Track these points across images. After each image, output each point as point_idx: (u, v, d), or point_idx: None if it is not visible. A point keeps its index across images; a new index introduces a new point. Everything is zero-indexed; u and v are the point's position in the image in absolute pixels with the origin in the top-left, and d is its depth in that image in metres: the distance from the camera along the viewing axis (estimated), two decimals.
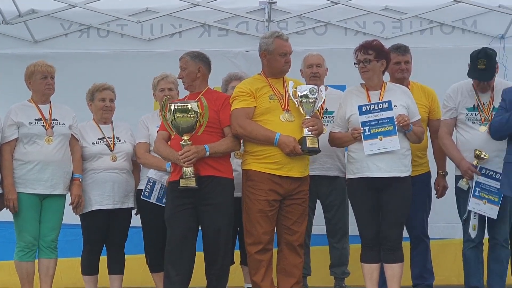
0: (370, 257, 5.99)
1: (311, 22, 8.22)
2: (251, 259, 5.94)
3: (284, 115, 5.93)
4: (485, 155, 6.05)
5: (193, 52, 6.19)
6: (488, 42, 7.81)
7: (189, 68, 6.09)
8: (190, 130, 5.83)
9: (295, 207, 5.96)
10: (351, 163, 5.99)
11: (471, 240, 6.21)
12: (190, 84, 6.12)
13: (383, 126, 5.84)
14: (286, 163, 5.86)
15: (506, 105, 5.75)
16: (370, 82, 6.05)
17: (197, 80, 6.11)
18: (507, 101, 5.76)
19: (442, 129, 6.38)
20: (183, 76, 6.13)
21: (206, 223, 5.89)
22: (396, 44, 6.74)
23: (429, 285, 6.70)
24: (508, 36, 7.99)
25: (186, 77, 6.11)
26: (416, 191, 6.16)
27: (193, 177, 5.77)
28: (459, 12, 8.05)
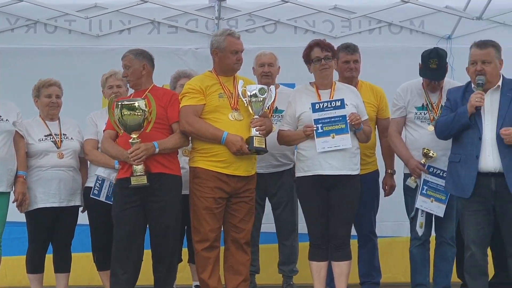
0: (318, 255, 6.01)
1: (261, 20, 8.22)
2: (198, 256, 5.94)
3: (233, 114, 5.93)
4: (433, 154, 6.12)
5: (136, 50, 6.14)
6: (435, 42, 7.89)
7: (134, 66, 6.05)
8: (138, 128, 5.80)
9: (241, 205, 5.97)
10: (301, 161, 5.99)
11: (418, 238, 6.27)
12: (135, 82, 6.08)
13: (335, 124, 5.87)
14: (233, 161, 5.86)
15: (451, 105, 5.81)
16: (325, 80, 6.07)
17: (142, 78, 6.07)
18: (451, 101, 5.82)
19: (391, 128, 6.44)
20: (128, 74, 6.08)
21: (154, 220, 5.86)
22: (345, 43, 6.78)
23: (376, 282, 6.75)
24: (455, 36, 8.09)
25: (131, 75, 6.07)
26: (364, 189, 6.20)
27: (143, 175, 5.75)
28: (407, 12, 8.12)
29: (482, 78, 5.62)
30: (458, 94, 5.82)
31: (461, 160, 5.67)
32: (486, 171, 5.58)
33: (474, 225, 5.69)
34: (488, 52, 5.68)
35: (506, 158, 5.53)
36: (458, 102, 5.76)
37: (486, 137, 5.60)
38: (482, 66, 5.64)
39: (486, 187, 5.60)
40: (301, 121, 6.00)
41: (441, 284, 6.33)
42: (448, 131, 5.76)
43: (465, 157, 5.65)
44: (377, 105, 6.68)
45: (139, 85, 6.07)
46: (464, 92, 5.78)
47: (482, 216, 5.67)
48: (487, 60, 5.66)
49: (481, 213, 5.67)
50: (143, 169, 5.76)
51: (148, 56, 6.12)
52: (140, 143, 5.77)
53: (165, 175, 5.86)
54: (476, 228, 5.69)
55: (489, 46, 5.70)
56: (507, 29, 8.12)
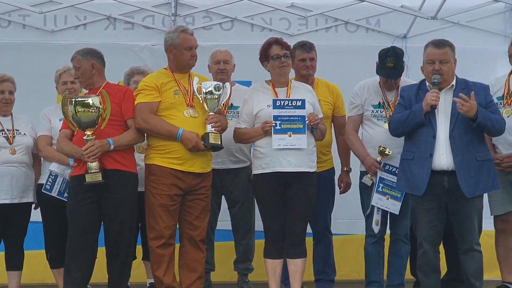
0: (274, 252, 6.02)
1: (218, 18, 8.20)
2: (153, 253, 5.91)
3: (188, 110, 5.91)
4: (389, 152, 6.16)
5: (83, 50, 6.08)
6: (391, 41, 7.96)
7: (83, 67, 5.99)
8: (92, 124, 5.76)
9: (197, 202, 5.96)
10: (259, 158, 5.99)
11: (373, 236, 6.31)
12: (87, 82, 6.03)
13: (294, 123, 5.87)
14: (189, 158, 5.84)
15: (405, 102, 5.86)
16: (283, 78, 6.08)
17: (94, 77, 6.02)
18: (405, 99, 5.87)
19: (348, 126, 6.48)
20: (78, 76, 6.03)
21: (109, 217, 5.82)
22: (302, 41, 6.79)
23: (331, 280, 6.78)
24: (410, 36, 8.16)
25: (81, 76, 6.02)
26: (320, 187, 6.21)
27: (98, 172, 5.71)
28: (363, 11, 8.17)
29: (438, 77, 5.68)
30: (412, 92, 5.87)
31: (415, 158, 5.72)
32: (440, 169, 5.64)
33: (427, 223, 5.75)
34: (445, 51, 5.74)
35: (458, 157, 5.60)
36: (412, 100, 5.81)
37: (440, 136, 5.66)
38: (440, 65, 5.70)
39: (439, 185, 5.66)
40: (259, 118, 6.00)
41: (395, 281, 6.38)
42: (402, 129, 5.80)
43: (419, 155, 5.69)
44: (333, 103, 6.71)
45: (91, 84, 6.02)
46: (418, 90, 5.84)
47: (434, 214, 5.73)
48: (445, 60, 5.72)
49: (433, 211, 5.73)
50: (98, 166, 5.71)
51: (96, 54, 6.06)
52: (94, 140, 5.73)
53: (120, 171, 5.83)
54: (429, 226, 5.75)
55: (446, 46, 5.77)
56: (460, 29, 8.22)
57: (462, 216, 5.69)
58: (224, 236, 7.27)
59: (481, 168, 5.66)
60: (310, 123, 5.88)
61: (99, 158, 5.72)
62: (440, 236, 5.83)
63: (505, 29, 8.30)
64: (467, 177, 5.59)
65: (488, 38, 8.28)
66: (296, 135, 5.87)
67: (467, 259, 5.74)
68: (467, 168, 5.60)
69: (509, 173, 6.33)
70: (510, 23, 8.33)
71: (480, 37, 8.27)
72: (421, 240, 5.79)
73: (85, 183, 5.70)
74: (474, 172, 5.62)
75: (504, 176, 6.31)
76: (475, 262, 5.73)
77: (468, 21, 8.24)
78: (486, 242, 6.48)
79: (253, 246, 7.01)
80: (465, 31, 8.24)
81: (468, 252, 5.74)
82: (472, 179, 5.61)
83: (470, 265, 5.73)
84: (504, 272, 6.51)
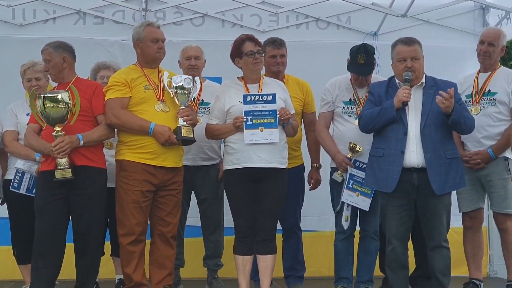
0: (244, 248, 6.01)
1: (189, 13, 8.16)
2: (123, 250, 5.89)
3: (159, 105, 5.90)
4: (359, 148, 6.18)
5: (55, 43, 6.03)
6: (362, 38, 7.98)
7: (54, 60, 5.95)
8: (61, 120, 5.72)
9: (169, 198, 5.95)
10: (230, 154, 5.98)
11: (342, 232, 6.34)
12: (57, 76, 5.99)
13: (265, 117, 5.88)
14: (161, 153, 5.83)
15: (375, 99, 5.88)
16: (255, 75, 6.08)
17: (64, 71, 5.98)
18: (375, 95, 5.89)
19: (319, 122, 6.50)
20: (49, 68, 5.98)
21: (78, 213, 5.79)
22: (272, 37, 6.78)
23: (300, 276, 6.80)
24: (381, 33, 8.17)
25: (52, 69, 5.97)
26: (290, 183, 6.22)
27: (68, 168, 5.67)
28: (334, 8, 8.17)
29: (410, 74, 5.71)
30: (381, 89, 5.90)
31: (385, 155, 5.74)
32: (409, 166, 5.67)
33: (396, 220, 5.78)
34: (415, 48, 5.78)
35: (428, 154, 5.63)
36: (382, 96, 5.83)
37: (411, 133, 5.68)
38: (412, 63, 5.73)
39: (409, 182, 5.68)
40: (230, 114, 5.99)
41: (364, 278, 6.41)
42: (372, 125, 5.82)
43: (389, 151, 5.71)
44: (303, 99, 6.72)
45: (61, 78, 5.97)
46: (388, 87, 5.87)
47: (404, 211, 5.76)
48: (416, 57, 5.75)
49: (403, 208, 5.76)
50: (68, 162, 5.67)
51: (68, 48, 6.01)
52: (64, 135, 5.69)
53: (89, 168, 5.79)
54: (398, 223, 5.78)
55: (415, 43, 5.81)
56: (430, 27, 8.26)
57: (430, 213, 5.73)
58: (194, 232, 7.25)
59: (450, 165, 5.70)
60: (281, 118, 5.88)
61: (69, 154, 5.68)
62: (408, 233, 5.86)
63: (474, 28, 8.35)
64: (437, 174, 5.63)
65: (457, 36, 8.34)
66: (268, 130, 5.87)
67: (435, 256, 5.78)
68: (437, 166, 5.64)
69: (477, 171, 6.39)
70: (479, 22, 8.39)
71: (450, 35, 8.32)
72: (390, 237, 5.82)
73: (55, 179, 5.65)
74: (444, 169, 5.66)
75: (473, 173, 6.37)
76: (442, 258, 5.77)
77: (437, 19, 8.29)
78: (454, 239, 6.54)
79: (222, 242, 7.01)
80: (434, 29, 8.29)
81: (436, 249, 5.77)
82: (442, 176, 5.65)
83: (437, 262, 5.77)
84: (472, 268, 6.57)
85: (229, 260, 6.36)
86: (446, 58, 8.05)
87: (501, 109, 6.34)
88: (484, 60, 6.53)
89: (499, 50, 6.52)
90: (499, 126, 6.36)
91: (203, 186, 6.85)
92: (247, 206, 5.97)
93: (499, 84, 6.42)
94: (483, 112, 6.40)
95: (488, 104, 6.40)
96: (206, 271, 7.03)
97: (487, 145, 6.36)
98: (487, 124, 6.37)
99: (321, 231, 7.85)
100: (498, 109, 6.36)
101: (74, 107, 5.73)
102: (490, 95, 6.41)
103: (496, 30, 6.78)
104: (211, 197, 6.86)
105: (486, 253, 7.88)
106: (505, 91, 6.37)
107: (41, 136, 5.87)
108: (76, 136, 5.71)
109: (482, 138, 6.37)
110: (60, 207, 5.75)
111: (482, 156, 6.35)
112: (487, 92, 6.43)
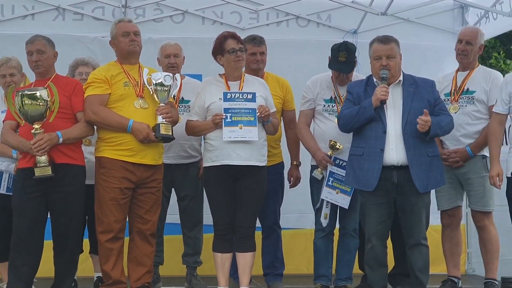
0: (223, 246, 6.01)
1: (169, 10, 8.13)
2: (102, 247, 5.87)
3: (139, 102, 5.88)
4: (339, 146, 6.19)
5: (45, 37, 6.02)
6: (342, 36, 7.99)
7: (48, 53, 5.94)
8: (40, 118, 5.68)
9: (148, 196, 5.93)
10: (209, 151, 5.98)
11: (322, 230, 6.35)
12: (47, 69, 5.95)
13: (244, 115, 5.87)
14: (140, 150, 5.81)
15: (353, 98, 5.89)
16: (237, 72, 6.08)
17: (52, 66, 5.98)
18: (354, 94, 5.90)
19: (300, 120, 6.51)
20: (41, 59, 5.90)
21: (57, 211, 5.77)
22: (252, 35, 6.77)
23: (279, 274, 6.78)
24: (361, 31, 8.19)
25: (45, 61, 5.92)
26: (269, 181, 6.23)
27: (48, 166, 5.64)
28: (314, 6, 8.19)
29: (386, 72, 5.72)
30: (360, 88, 5.91)
31: (364, 154, 5.75)
32: (389, 164, 5.68)
33: (376, 218, 5.79)
34: (391, 47, 5.79)
35: (410, 152, 5.65)
36: (361, 95, 5.84)
37: (390, 131, 5.70)
38: (387, 61, 5.74)
39: (389, 180, 5.70)
40: (210, 111, 5.98)
41: (343, 275, 6.43)
42: (352, 124, 5.83)
43: (369, 150, 5.72)
44: (283, 97, 6.71)
45: (48, 73, 5.94)
46: (366, 86, 5.88)
47: (383, 209, 5.78)
48: (391, 55, 5.77)
49: (382, 206, 5.77)
50: (47, 160, 5.64)
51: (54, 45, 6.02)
52: (43, 133, 5.65)
53: (68, 165, 5.76)
54: (378, 221, 5.79)
55: (392, 41, 5.82)
56: (410, 25, 8.29)
57: (410, 211, 5.75)
58: (173, 229, 7.24)
59: (431, 163, 5.72)
60: (260, 115, 5.88)
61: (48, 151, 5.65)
62: (388, 231, 5.88)
63: (453, 26, 8.39)
64: (420, 172, 5.66)
65: (436, 35, 8.38)
66: (247, 128, 5.87)
67: (414, 254, 5.80)
68: (420, 163, 5.66)
69: (455, 169, 6.42)
70: (458, 21, 8.44)
71: (429, 34, 8.36)
72: (369, 235, 5.83)
73: (35, 177, 5.62)
74: (426, 167, 5.69)
75: (451, 171, 6.40)
76: (421, 256, 5.79)
77: (417, 17, 8.32)
78: (433, 236, 6.56)
79: (201, 240, 7.00)
80: (414, 27, 8.32)
81: (415, 247, 5.79)
82: (424, 174, 5.68)
83: (416, 260, 5.79)
84: (450, 266, 6.60)
85: (209, 258, 6.35)
86: (425, 56, 8.10)
87: (480, 107, 6.37)
88: (462, 59, 6.56)
89: (477, 49, 6.55)
90: (477, 125, 6.39)
91: (183, 184, 6.83)
92: (226, 204, 5.97)
93: (477, 83, 6.45)
94: (462, 110, 6.43)
95: (466, 103, 6.43)
96: (185, 269, 7.02)
97: (465, 143, 6.39)
98: (465, 122, 6.40)
99: (300, 229, 7.86)
100: (476, 108, 6.39)
101: (53, 105, 5.70)
102: (469, 94, 6.44)
103: (474, 29, 6.81)
104: (191, 194, 6.84)
105: (464, 250, 7.93)
106: (484, 90, 6.40)
107: (19, 133, 5.82)
108: (55, 133, 5.68)
109: (460, 137, 6.40)
110: (39, 205, 5.73)
111: (461, 154, 6.38)
112: (465, 90, 6.47)
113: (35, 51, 5.91)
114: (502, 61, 15.76)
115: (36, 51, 5.91)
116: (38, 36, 6.01)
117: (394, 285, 6.45)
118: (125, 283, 5.95)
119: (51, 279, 5.93)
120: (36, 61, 5.91)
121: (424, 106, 5.70)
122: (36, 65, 5.92)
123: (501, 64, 15.43)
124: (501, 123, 6.09)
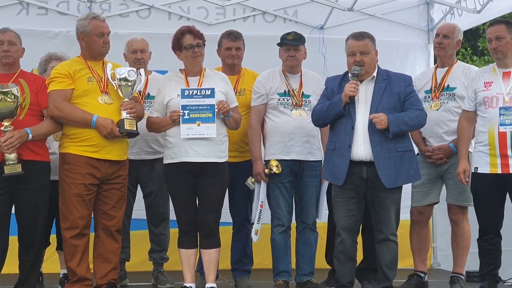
0: (187, 242, 6.01)
1: (135, 5, 8.08)
2: (67, 244, 5.82)
3: (103, 97, 5.83)
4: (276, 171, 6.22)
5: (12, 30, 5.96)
6: (309, 31, 8.01)
7: (18, 46, 5.91)
8: (10, 115, 5.61)
9: (113, 192, 5.90)
10: (168, 148, 5.97)
11: (280, 225, 6.36)
12: (16, 62, 5.91)
13: (202, 112, 5.86)
14: (104, 146, 5.77)
15: (328, 93, 5.90)
16: (196, 68, 6.06)
17: (19, 61, 5.94)
18: (328, 90, 5.92)
19: (253, 117, 6.46)
20: (11, 50, 5.85)
21: (23, 207, 5.72)
22: (229, 30, 6.78)
23: (247, 270, 6.80)
24: (327, 27, 8.21)
25: (15, 53, 5.88)
26: (241, 177, 6.23)
27: (17, 163, 5.58)
28: (281, 1, 8.21)
29: (358, 68, 5.73)
30: (335, 83, 5.92)
31: (336, 148, 5.77)
32: (358, 160, 5.70)
33: (346, 212, 5.80)
34: (365, 43, 5.80)
35: (376, 148, 5.66)
36: (335, 91, 5.85)
37: (359, 127, 5.71)
38: (361, 57, 5.76)
39: (358, 175, 5.72)
40: (169, 108, 5.97)
41: (306, 270, 6.44)
42: (323, 119, 5.85)
43: (339, 145, 5.75)
44: None
45: (13, 67, 5.89)
46: (341, 82, 5.88)
47: (353, 204, 5.79)
48: (365, 51, 5.77)
49: (352, 201, 5.79)
50: (17, 157, 5.59)
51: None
52: (13, 130, 5.59)
53: (34, 162, 5.72)
54: (347, 215, 5.80)
55: (366, 38, 5.83)
56: (376, 21, 8.31)
57: (379, 206, 5.76)
58: (139, 225, 7.20)
59: (401, 159, 5.72)
60: (219, 111, 5.86)
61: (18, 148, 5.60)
62: (358, 225, 5.89)
63: (419, 22, 8.45)
64: (386, 168, 5.66)
65: (402, 31, 8.42)
66: (205, 124, 5.86)
67: (382, 249, 5.81)
68: (387, 159, 5.67)
69: (439, 165, 6.44)
70: (424, 17, 8.50)
71: (395, 30, 8.40)
72: (339, 229, 5.84)
73: (4, 175, 5.56)
74: (394, 163, 5.69)
75: (434, 168, 6.43)
76: (390, 252, 5.81)
77: (383, 13, 8.36)
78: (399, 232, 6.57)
79: (167, 236, 6.99)
80: (380, 23, 8.34)
81: (383, 242, 5.80)
82: (392, 169, 5.68)
83: (384, 255, 5.80)
84: (417, 262, 6.65)
85: (175, 253, 6.32)
86: (390, 52, 8.11)
87: (461, 103, 6.33)
88: (439, 52, 6.61)
89: (454, 43, 6.59)
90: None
91: (148, 180, 6.82)
92: (188, 200, 5.97)
93: (457, 79, 6.48)
94: (444, 107, 6.44)
95: (448, 99, 6.45)
96: (151, 264, 6.99)
97: (448, 140, 6.40)
98: (447, 119, 6.41)
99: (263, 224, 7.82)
100: (457, 104, 6.39)
101: (23, 102, 5.65)
102: (449, 90, 6.47)
103: (452, 24, 6.92)
104: (156, 191, 6.83)
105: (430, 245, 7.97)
106: (464, 86, 6.38)
107: None
108: (25, 130, 5.63)
109: (443, 133, 6.42)
110: (4, 201, 5.68)
111: (444, 151, 6.40)
112: (446, 87, 6.48)
113: (6, 41, 5.87)
114: (469, 57, 15.92)
115: (8, 41, 5.87)
116: (8, 29, 5.96)
117: (361, 279, 6.46)
118: (90, 280, 5.91)
119: (15, 275, 5.88)
120: (7, 51, 5.86)
121: (393, 101, 5.73)
122: (6, 55, 5.86)
123: (468, 60, 15.58)
124: (469, 120, 6.13)
